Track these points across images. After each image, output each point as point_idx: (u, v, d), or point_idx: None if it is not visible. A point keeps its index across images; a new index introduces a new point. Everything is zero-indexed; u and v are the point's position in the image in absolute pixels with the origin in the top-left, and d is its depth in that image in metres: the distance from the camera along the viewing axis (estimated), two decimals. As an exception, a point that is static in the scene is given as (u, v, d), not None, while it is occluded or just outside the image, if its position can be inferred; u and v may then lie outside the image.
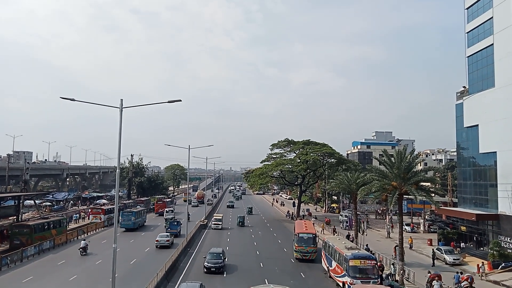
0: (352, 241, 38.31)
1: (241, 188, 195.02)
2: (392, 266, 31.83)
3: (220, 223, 57.20)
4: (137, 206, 65.79)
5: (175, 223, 49.98)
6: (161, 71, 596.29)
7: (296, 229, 39.29)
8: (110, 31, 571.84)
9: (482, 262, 33.31)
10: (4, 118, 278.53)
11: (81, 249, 36.76)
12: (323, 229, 54.31)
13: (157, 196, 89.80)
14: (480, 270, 32.01)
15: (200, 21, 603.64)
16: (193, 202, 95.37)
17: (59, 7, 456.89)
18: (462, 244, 41.32)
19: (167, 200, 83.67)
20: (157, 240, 41.18)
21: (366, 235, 48.99)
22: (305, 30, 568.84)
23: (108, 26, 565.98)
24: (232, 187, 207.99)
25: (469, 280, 27.50)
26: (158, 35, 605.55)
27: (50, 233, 41.87)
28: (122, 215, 52.57)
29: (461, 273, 30.02)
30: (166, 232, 44.98)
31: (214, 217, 59.45)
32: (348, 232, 47.59)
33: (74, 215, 62.17)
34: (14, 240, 37.94)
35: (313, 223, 49.14)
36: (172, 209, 69.38)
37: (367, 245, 38.59)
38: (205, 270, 30.77)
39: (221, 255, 32.11)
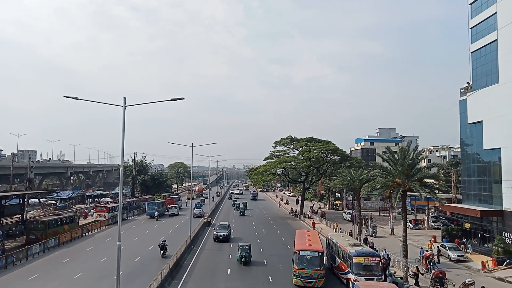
0: (371, 247, 35.58)
1: (250, 190, 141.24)
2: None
3: None
4: (159, 199, 75.87)
5: (199, 205, 73.30)
6: (163, 69, 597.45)
7: (295, 244, 30.35)
8: (111, 29, 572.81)
9: None
10: (8, 117, 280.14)
11: (155, 217, 62.72)
12: (335, 229, 51.59)
13: (162, 194, 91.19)
14: None
15: (200, 18, 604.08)
16: (205, 195, 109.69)
17: (60, 5, 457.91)
18: (464, 240, 41.18)
19: (175, 197, 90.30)
20: (194, 212, 60.31)
21: (375, 234, 48.40)
22: (306, 25, 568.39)
23: (109, 24, 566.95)
24: (234, 188, 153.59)
25: (430, 257, 32.50)
26: (159, 33, 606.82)
27: (63, 228, 43.94)
28: (147, 205, 68.22)
29: (427, 250, 33.71)
30: (195, 208, 67.05)
31: None
32: (366, 237, 42.47)
33: (91, 211, 64.32)
34: (30, 235, 40.21)
35: (319, 232, 39.48)
36: (175, 205, 73.44)
37: (385, 250, 35.49)
38: None
39: None
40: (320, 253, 27.74)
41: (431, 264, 31.31)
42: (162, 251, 35.03)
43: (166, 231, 50.76)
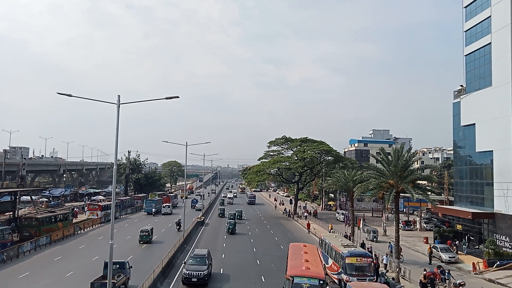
0: (369, 251, 34.41)
1: (246, 193, 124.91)
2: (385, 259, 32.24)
3: None
4: (155, 197, 79.81)
5: (195, 200, 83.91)
6: (157, 67, 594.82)
7: (288, 266, 23.84)
8: (105, 26, 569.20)
9: None
10: (0, 114, 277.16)
11: (152, 213, 67.66)
12: (330, 230, 50.56)
13: (157, 192, 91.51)
14: None
15: (195, 17, 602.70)
16: (196, 192, 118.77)
17: (53, 2, 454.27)
18: (457, 242, 41.45)
19: (171, 195, 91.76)
20: (196, 206, 75.54)
21: (376, 239, 46.09)
22: (301, 26, 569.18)
23: (103, 21, 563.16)
24: (227, 191, 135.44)
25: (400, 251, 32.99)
26: (153, 31, 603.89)
27: (57, 225, 43.86)
28: (145, 202, 72.66)
29: (395, 244, 32.24)
30: (192, 204, 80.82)
31: None
32: (363, 242, 40.65)
33: (84, 208, 64.59)
34: (24, 232, 39.94)
35: (314, 234, 36.23)
36: (169, 204, 74.00)
37: (386, 255, 34.67)
38: None
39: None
40: (321, 281, 20.99)
41: (441, 270, 29.57)
42: (178, 227, 47.72)
43: (160, 229, 50.48)
